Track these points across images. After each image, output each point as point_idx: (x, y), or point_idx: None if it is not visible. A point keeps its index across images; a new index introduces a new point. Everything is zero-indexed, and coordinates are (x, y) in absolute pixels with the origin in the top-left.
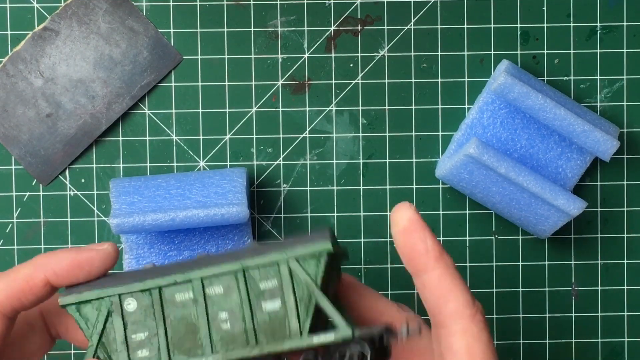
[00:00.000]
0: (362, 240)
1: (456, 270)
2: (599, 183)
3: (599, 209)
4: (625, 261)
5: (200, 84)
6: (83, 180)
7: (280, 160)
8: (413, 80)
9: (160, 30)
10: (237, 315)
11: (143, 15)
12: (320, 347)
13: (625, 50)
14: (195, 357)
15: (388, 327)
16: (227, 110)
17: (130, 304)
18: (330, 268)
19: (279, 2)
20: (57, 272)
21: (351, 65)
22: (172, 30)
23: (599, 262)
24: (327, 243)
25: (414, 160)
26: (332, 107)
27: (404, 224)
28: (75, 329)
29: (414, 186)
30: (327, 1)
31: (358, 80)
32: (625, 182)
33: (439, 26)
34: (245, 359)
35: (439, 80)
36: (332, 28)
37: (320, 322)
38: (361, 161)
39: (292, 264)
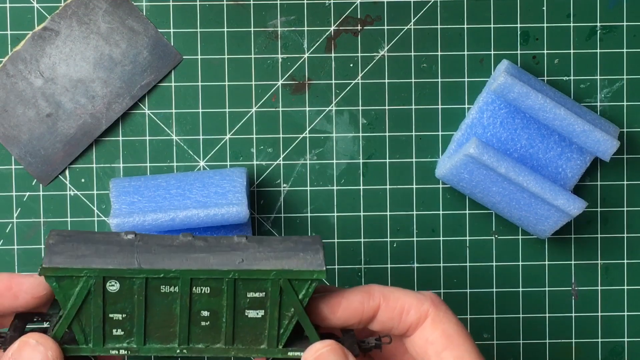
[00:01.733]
0: (362, 240)
1: (387, 286)
2: (599, 183)
3: (599, 209)
4: (625, 261)
5: (200, 84)
6: (83, 180)
7: (280, 160)
8: (413, 80)
9: (160, 30)
10: (219, 315)
11: (143, 15)
12: None
13: (625, 50)
14: (170, 344)
15: (354, 342)
16: (227, 110)
17: (114, 285)
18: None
19: (279, 2)
20: None
21: (351, 65)
22: (172, 30)
23: (599, 262)
24: (322, 269)
25: (414, 160)
26: (332, 107)
27: (326, 310)
28: None
29: (414, 186)
30: (327, 1)
31: (358, 80)
32: (625, 182)
33: (439, 26)
34: (219, 357)
35: (439, 80)
36: (332, 28)
37: (295, 337)
38: (361, 161)
39: (283, 283)
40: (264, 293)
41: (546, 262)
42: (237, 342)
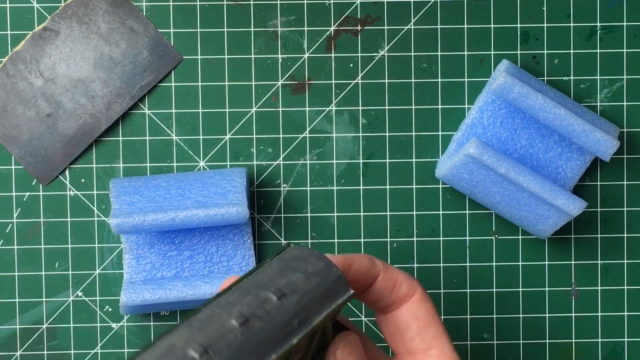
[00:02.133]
0: (362, 240)
1: (383, 262)
2: (599, 183)
3: (599, 209)
4: (625, 261)
5: (200, 84)
6: (83, 180)
7: (280, 160)
8: (413, 80)
9: (160, 30)
10: None
11: (143, 15)
12: None
13: (625, 50)
14: None
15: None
16: (227, 110)
17: None
18: None
19: (279, 2)
20: None
21: (351, 65)
22: (172, 30)
23: (599, 262)
24: (350, 291)
25: (414, 160)
26: (332, 107)
27: (342, 268)
28: None
29: (414, 186)
30: (327, 1)
31: (358, 80)
32: (625, 182)
33: (439, 26)
34: None
35: (439, 80)
36: (332, 28)
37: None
38: (361, 161)
39: (326, 321)
40: (311, 334)
41: (546, 262)
42: None
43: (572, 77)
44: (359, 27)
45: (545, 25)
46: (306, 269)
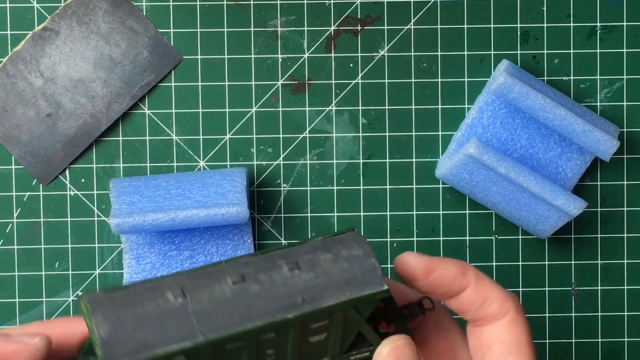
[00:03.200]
0: None
1: (480, 272)
2: (599, 183)
3: (599, 209)
4: (625, 261)
5: (200, 84)
6: (83, 180)
7: (280, 160)
8: (413, 80)
9: (160, 30)
10: (283, 349)
11: (143, 15)
12: None
13: (625, 50)
14: None
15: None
16: (227, 110)
17: (179, 357)
18: None
19: (279, 2)
20: None
21: (351, 65)
22: (172, 30)
23: (599, 262)
24: (384, 289)
25: (414, 160)
26: (332, 107)
27: (420, 272)
28: None
29: (414, 186)
30: (327, 1)
31: (358, 80)
32: (625, 182)
33: (439, 26)
34: None
35: (439, 80)
36: (332, 28)
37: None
38: (361, 161)
39: (347, 310)
40: (327, 320)
41: (546, 262)
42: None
43: (572, 77)
44: (359, 27)
45: (545, 25)
46: (340, 251)
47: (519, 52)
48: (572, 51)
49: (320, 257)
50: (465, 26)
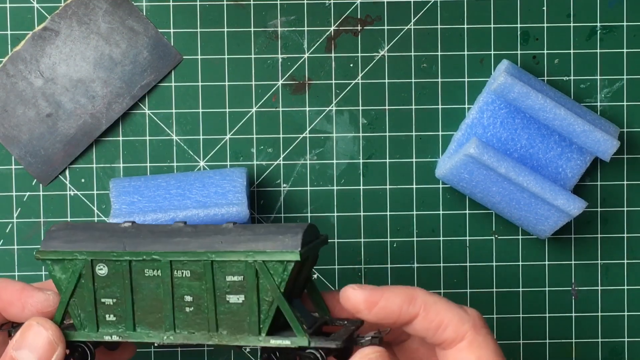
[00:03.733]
0: (362, 240)
1: (432, 295)
2: (599, 183)
3: (599, 209)
4: (625, 261)
5: (200, 84)
6: (83, 180)
7: (280, 160)
8: (413, 80)
9: (160, 30)
10: (202, 301)
11: (143, 15)
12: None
13: (625, 50)
14: (157, 332)
15: (349, 338)
16: (227, 110)
17: (102, 269)
18: (297, 272)
19: (279, 2)
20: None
21: (351, 65)
22: (172, 30)
23: (599, 262)
24: (296, 253)
25: (414, 160)
26: (332, 107)
27: (361, 306)
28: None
29: (414, 186)
30: (327, 1)
31: (358, 80)
32: (625, 182)
33: (439, 26)
34: (203, 344)
35: (439, 80)
36: (332, 28)
37: (282, 322)
38: (361, 161)
39: (258, 265)
40: (242, 277)
41: (546, 262)
42: (220, 328)
43: (572, 77)
44: (359, 27)
45: (545, 25)
46: (281, 225)
47: (519, 52)
48: (572, 51)
49: (261, 225)
50: (465, 26)
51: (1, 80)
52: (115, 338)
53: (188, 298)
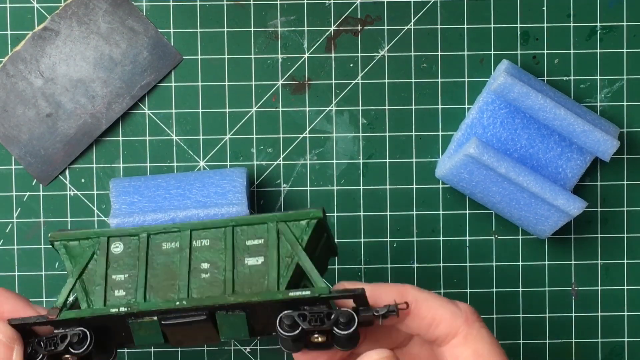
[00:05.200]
0: (362, 240)
1: (423, 291)
2: (599, 183)
3: (599, 209)
4: (625, 261)
5: (200, 84)
6: (83, 180)
7: (280, 160)
8: (413, 80)
9: (160, 30)
10: (219, 266)
11: (143, 15)
12: (301, 308)
13: (625, 50)
14: (170, 301)
15: (365, 298)
16: (227, 110)
17: (118, 247)
18: (317, 235)
19: (279, 2)
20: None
21: (351, 65)
22: (172, 30)
23: (599, 262)
24: (319, 211)
25: (414, 160)
26: (332, 107)
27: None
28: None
29: (414, 186)
30: (327, 1)
31: (358, 80)
32: (625, 182)
33: (439, 26)
34: (221, 306)
35: (439, 80)
36: (332, 28)
37: (301, 283)
38: (361, 161)
39: (281, 225)
40: (262, 239)
41: (546, 262)
42: (237, 289)
43: (572, 77)
44: (359, 27)
45: (545, 25)
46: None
47: (519, 52)
48: (572, 51)
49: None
50: (465, 26)
51: (1, 80)
52: (122, 310)
53: (204, 265)
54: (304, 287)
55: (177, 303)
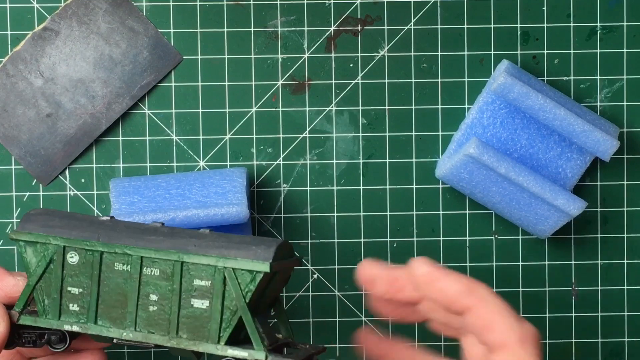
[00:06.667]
0: (362, 240)
1: (494, 296)
2: (599, 183)
3: (599, 209)
4: (625, 261)
5: (200, 84)
6: (83, 180)
7: (280, 160)
8: (413, 80)
9: (160, 30)
10: (166, 302)
11: (143, 15)
12: None
13: (625, 50)
14: (118, 327)
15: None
16: (227, 110)
17: (73, 257)
18: (265, 285)
19: (279, 2)
20: None
21: (351, 65)
22: (172, 30)
23: (599, 262)
24: (266, 264)
25: (414, 160)
26: (332, 107)
27: (420, 279)
28: None
29: (414, 186)
30: (327, 1)
31: (358, 80)
32: (625, 182)
33: (439, 26)
34: (161, 346)
35: (439, 80)
36: (332, 28)
37: (243, 337)
38: (361, 161)
39: (227, 272)
40: (209, 282)
41: (546, 262)
42: (181, 332)
43: (572, 77)
44: (359, 27)
45: (545, 25)
46: (258, 237)
47: (519, 52)
48: (572, 51)
49: (238, 235)
50: (465, 26)
51: (1, 80)
52: (75, 328)
53: (153, 297)
54: (245, 339)
55: (124, 334)
